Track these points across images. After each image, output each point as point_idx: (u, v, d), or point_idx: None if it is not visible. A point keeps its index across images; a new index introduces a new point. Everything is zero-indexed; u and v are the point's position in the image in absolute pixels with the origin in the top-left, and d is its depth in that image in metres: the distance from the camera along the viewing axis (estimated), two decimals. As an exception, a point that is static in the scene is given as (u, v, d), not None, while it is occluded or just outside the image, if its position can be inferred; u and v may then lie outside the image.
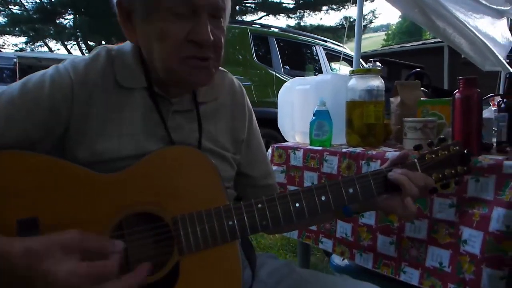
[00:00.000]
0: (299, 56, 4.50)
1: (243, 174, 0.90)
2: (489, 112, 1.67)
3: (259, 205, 0.66)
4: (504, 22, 3.79)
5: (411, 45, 9.78)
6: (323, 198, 0.68)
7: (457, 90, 1.04)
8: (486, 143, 1.13)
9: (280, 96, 1.59)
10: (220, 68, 0.90)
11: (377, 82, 1.26)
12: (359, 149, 1.21)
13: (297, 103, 1.49)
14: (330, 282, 0.80)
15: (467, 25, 3.00)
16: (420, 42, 10.06)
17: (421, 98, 1.35)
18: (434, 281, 1.03)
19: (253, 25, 3.86)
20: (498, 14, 3.64)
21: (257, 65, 3.59)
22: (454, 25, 2.89)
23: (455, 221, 1.00)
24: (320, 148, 1.30)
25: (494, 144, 1.19)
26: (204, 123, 0.80)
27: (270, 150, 1.47)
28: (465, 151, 0.76)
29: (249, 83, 3.45)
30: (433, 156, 0.75)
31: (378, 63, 1.68)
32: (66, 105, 0.68)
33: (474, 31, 3.06)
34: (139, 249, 0.63)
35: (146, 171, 0.66)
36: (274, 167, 1.44)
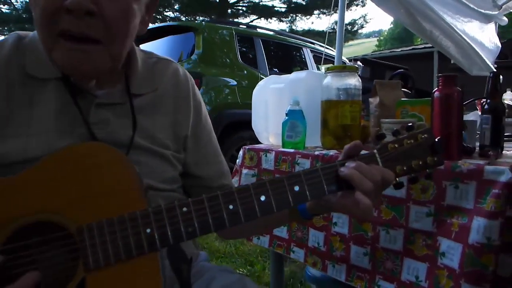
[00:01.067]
0: (285, 58, 4.41)
1: (192, 175, 0.81)
2: (474, 116, 1.59)
3: (184, 209, 0.56)
4: (492, 26, 3.76)
5: (401, 50, 9.79)
6: (262, 198, 0.58)
7: (436, 88, 0.96)
8: (468, 146, 1.05)
9: (254, 96, 1.50)
10: (165, 57, 0.81)
11: (354, 81, 1.18)
12: (332, 152, 1.12)
13: (271, 103, 1.40)
14: None
15: (455, 28, 2.95)
16: (410, 48, 10.09)
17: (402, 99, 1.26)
18: (410, 296, 0.94)
19: (239, 26, 3.77)
20: (486, 19, 3.60)
21: (241, 66, 3.50)
22: (441, 28, 2.84)
23: (432, 231, 0.91)
24: (292, 150, 1.21)
25: (477, 149, 1.11)
26: (140, 117, 0.70)
27: (241, 153, 1.38)
28: (436, 140, 0.66)
29: (234, 83, 3.36)
30: (397, 146, 0.65)
31: (359, 63, 1.59)
32: None
33: (462, 34, 3.01)
34: (40, 264, 0.53)
35: (47, 172, 0.56)
36: (245, 171, 1.35)
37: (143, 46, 3.74)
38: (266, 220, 0.78)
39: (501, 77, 1.13)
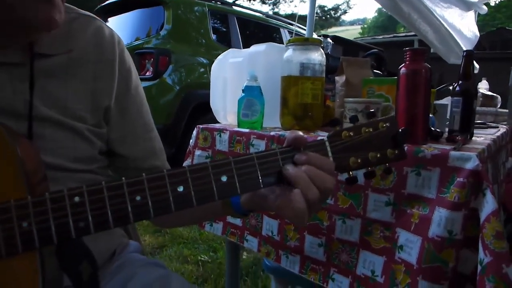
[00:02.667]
0: (262, 38, 4.24)
1: (118, 154, 0.69)
2: (447, 101, 1.51)
3: (76, 199, 0.44)
4: (471, 14, 3.71)
5: (383, 38, 9.76)
6: (180, 189, 0.47)
7: (402, 64, 0.86)
8: (436, 130, 0.96)
9: (212, 71, 1.37)
10: (88, 13, 0.67)
11: (317, 55, 1.06)
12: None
13: (230, 79, 1.28)
14: None
15: (434, 13, 2.88)
16: (391, 35, 10.07)
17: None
18: (365, 292, 0.86)
19: (212, 1, 3.58)
20: (466, 6, 3.55)
21: (214, 44, 3.33)
22: (420, 11, 2.75)
23: (391, 222, 0.83)
24: (247, 130, 1.10)
25: (446, 134, 1.03)
26: (45, 83, 0.58)
27: (195, 132, 1.26)
28: (400, 130, 0.56)
29: (206, 62, 3.20)
30: (352, 134, 0.54)
31: (329, 39, 1.48)
32: None
33: (441, 20, 2.94)
34: None
35: None
36: (198, 152, 1.23)
37: (110, 20, 3.52)
38: (194, 211, 0.67)
39: (474, 61, 1.04)
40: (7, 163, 0.45)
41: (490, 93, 2.29)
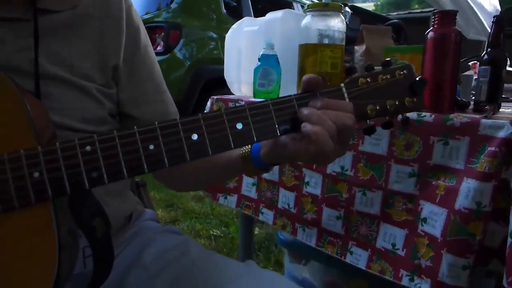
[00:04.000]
0: (274, 13, 4.15)
1: (129, 115, 0.66)
2: (469, 72, 1.45)
3: (88, 148, 0.43)
4: (492, -13, 3.56)
5: (397, 14, 9.46)
6: (194, 137, 0.45)
7: (430, 28, 0.81)
8: (462, 100, 0.91)
9: (226, 41, 1.33)
10: None
11: (337, 22, 1.01)
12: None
13: (244, 48, 1.24)
14: (225, 270, 0.60)
15: (454, -16, 2.76)
16: (406, 11, 9.77)
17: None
18: (384, 265, 0.84)
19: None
20: (488, -22, 3.40)
21: (225, 18, 3.25)
22: (439, -18, 2.64)
23: (414, 194, 0.80)
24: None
25: (472, 105, 0.98)
26: (50, 40, 0.55)
27: (209, 103, 1.23)
28: (418, 78, 0.54)
29: (216, 36, 3.13)
30: (369, 80, 0.52)
31: (347, 9, 1.42)
32: None
33: (461, -9, 2.82)
34: None
35: None
36: (213, 124, 1.21)
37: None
38: (212, 167, 0.65)
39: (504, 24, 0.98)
40: (17, 119, 0.43)
41: (510, 69, 2.20)
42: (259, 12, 3.74)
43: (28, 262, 0.41)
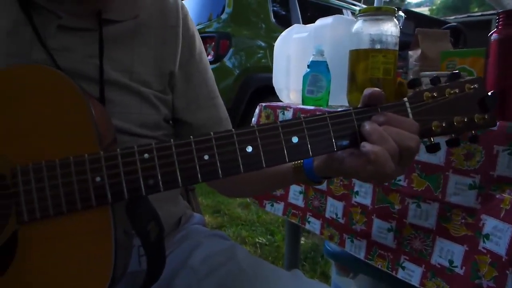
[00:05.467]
0: (324, 20, 4.11)
1: (182, 121, 0.69)
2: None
3: (146, 155, 0.44)
4: None
5: (455, 18, 8.99)
6: (249, 149, 0.45)
7: (494, 30, 0.76)
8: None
9: (275, 48, 1.33)
10: None
11: (390, 26, 0.98)
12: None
13: (293, 55, 1.23)
14: (272, 278, 0.58)
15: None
16: (465, 15, 9.25)
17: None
18: (440, 283, 0.78)
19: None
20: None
21: (274, 26, 3.28)
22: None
23: (475, 207, 0.74)
24: (312, 107, 1.05)
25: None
26: (113, 48, 0.59)
27: (257, 110, 1.24)
28: (489, 93, 0.50)
29: (265, 45, 3.16)
30: (436, 95, 0.49)
31: (400, 13, 1.37)
32: None
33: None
34: None
35: None
36: (260, 131, 1.21)
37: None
38: (265, 177, 0.65)
39: None
40: (82, 124, 0.46)
41: None
42: (309, 20, 3.73)
43: (85, 262, 0.43)
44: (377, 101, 0.48)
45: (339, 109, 0.49)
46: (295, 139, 0.46)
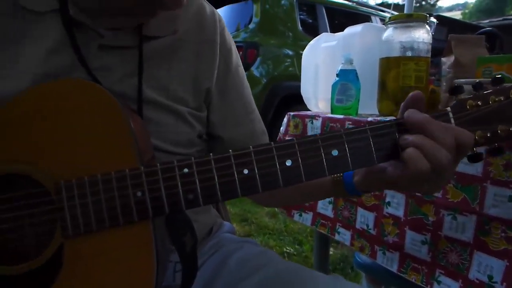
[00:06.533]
0: (352, 28, 4.08)
1: (217, 136, 0.68)
2: None
3: (185, 170, 0.44)
4: None
5: (489, 22, 8.67)
6: (288, 163, 0.45)
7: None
8: None
9: (304, 57, 1.33)
10: None
11: (422, 33, 0.96)
12: (389, 118, 0.93)
13: (322, 64, 1.23)
14: (312, 282, 0.57)
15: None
16: (500, 18, 8.91)
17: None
18: (479, 300, 0.75)
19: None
20: None
21: (301, 35, 3.29)
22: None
23: (516, 220, 0.70)
24: (341, 116, 1.04)
25: None
26: (152, 65, 0.58)
27: (285, 119, 1.24)
28: None
29: (293, 54, 3.17)
30: (480, 103, 0.47)
31: (432, 19, 1.34)
32: None
33: None
34: (10, 225, 0.45)
35: (17, 115, 0.46)
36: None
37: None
38: (303, 190, 0.64)
39: None
40: (123, 139, 0.46)
41: None
42: (336, 28, 3.72)
43: (127, 276, 0.44)
44: (419, 108, 0.47)
45: (379, 120, 0.48)
46: (335, 152, 0.46)
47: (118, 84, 0.56)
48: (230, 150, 0.45)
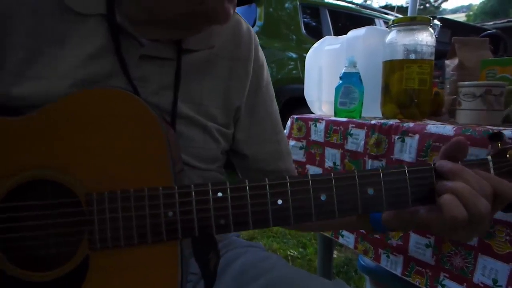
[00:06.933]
0: (355, 30, 4.08)
1: (241, 153, 0.67)
2: None
3: (219, 194, 0.44)
4: None
5: (494, 23, 8.64)
6: (322, 197, 0.44)
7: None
8: None
9: (307, 60, 1.33)
10: None
11: (425, 36, 0.96)
12: (393, 121, 0.93)
13: (325, 67, 1.23)
14: (315, 287, 0.57)
15: None
16: (505, 20, 8.87)
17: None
18: (484, 303, 0.75)
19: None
20: None
21: (305, 38, 3.29)
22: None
23: (521, 224, 0.70)
24: (345, 119, 1.04)
25: None
26: (186, 79, 0.57)
27: (289, 122, 1.24)
28: None
29: (296, 56, 3.17)
30: None
31: (436, 21, 1.34)
32: None
33: None
34: (37, 232, 0.45)
35: (54, 121, 0.45)
36: (292, 142, 1.21)
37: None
38: (327, 221, 0.64)
39: None
40: (160, 146, 0.45)
41: None
42: (340, 31, 3.72)
43: None
44: (461, 155, 0.47)
45: (419, 166, 0.47)
46: (370, 191, 0.45)
47: (154, 96, 0.55)
48: (266, 179, 0.44)
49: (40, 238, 0.44)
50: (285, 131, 1.26)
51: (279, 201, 0.44)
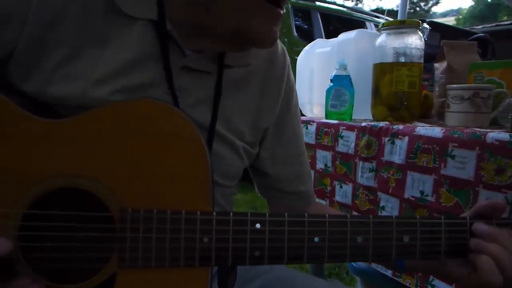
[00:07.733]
0: (347, 34, 4.11)
1: (263, 172, 0.66)
2: None
3: (257, 225, 0.43)
4: None
5: (482, 27, 8.77)
6: (359, 239, 0.45)
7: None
8: None
9: (298, 62, 1.34)
10: None
11: (414, 39, 0.97)
12: (383, 123, 0.94)
13: (316, 70, 1.24)
14: (310, 286, 0.58)
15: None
16: (493, 24, 9.01)
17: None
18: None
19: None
20: None
21: (296, 40, 3.30)
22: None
23: (508, 224, 0.71)
24: (336, 121, 1.05)
25: None
26: (222, 94, 0.56)
27: (280, 125, 1.24)
28: None
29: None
30: None
31: (425, 25, 1.36)
32: (19, 18, 0.45)
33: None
34: (61, 244, 0.43)
35: (94, 128, 0.43)
36: (284, 145, 1.21)
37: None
38: None
39: None
40: (200, 166, 0.45)
41: None
42: (331, 33, 3.75)
43: None
44: (496, 216, 0.48)
45: (455, 219, 0.49)
46: (406, 239, 0.46)
47: (189, 109, 0.52)
48: (306, 214, 0.45)
49: (67, 250, 0.43)
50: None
51: (316, 239, 0.44)
